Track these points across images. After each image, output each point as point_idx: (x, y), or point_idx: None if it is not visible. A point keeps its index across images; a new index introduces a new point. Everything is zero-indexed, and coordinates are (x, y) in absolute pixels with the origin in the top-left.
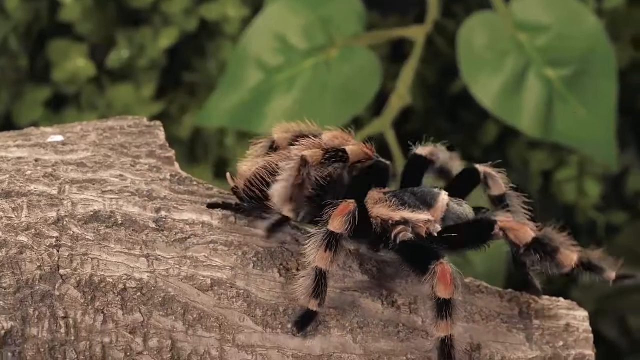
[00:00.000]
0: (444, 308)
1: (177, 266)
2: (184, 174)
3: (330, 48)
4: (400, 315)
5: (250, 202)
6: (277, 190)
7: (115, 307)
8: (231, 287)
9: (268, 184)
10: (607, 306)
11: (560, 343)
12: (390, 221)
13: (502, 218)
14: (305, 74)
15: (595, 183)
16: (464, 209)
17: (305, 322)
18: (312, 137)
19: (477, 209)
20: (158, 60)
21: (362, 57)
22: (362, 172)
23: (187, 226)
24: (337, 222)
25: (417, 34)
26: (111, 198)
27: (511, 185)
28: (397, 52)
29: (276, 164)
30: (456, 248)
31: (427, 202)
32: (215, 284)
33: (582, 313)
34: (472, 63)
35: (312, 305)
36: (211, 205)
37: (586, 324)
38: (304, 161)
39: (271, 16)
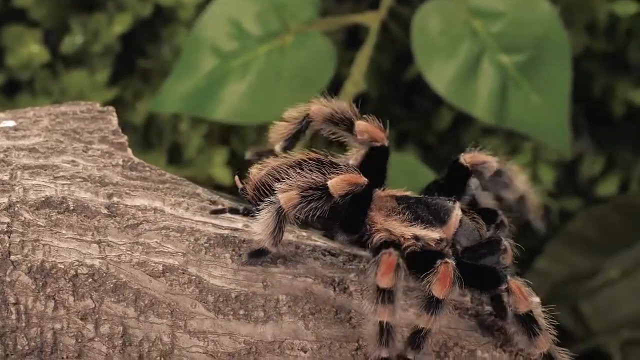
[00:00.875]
0: (434, 305)
1: (129, 252)
2: (136, 159)
3: (285, 34)
4: (352, 301)
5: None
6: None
7: (67, 293)
8: (183, 273)
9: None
10: (561, 293)
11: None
12: (402, 238)
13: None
14: (259, 60)
15: (549, 169)
16: (478, 223)
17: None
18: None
19: (489, 215)
20: (112, 46)
21: (317, 43)
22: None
23: (140, 212)
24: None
25: (371, 20)
26: (63, 184)
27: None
28: (351, 39)
29: (285, 170)
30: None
31: (440, 218)
32: (167, 271)
33: (535, 299)
34: (426, 49)
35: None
36: (216, 212)
37: (540, 310)
38: (280, 209)
39: (226, 2)
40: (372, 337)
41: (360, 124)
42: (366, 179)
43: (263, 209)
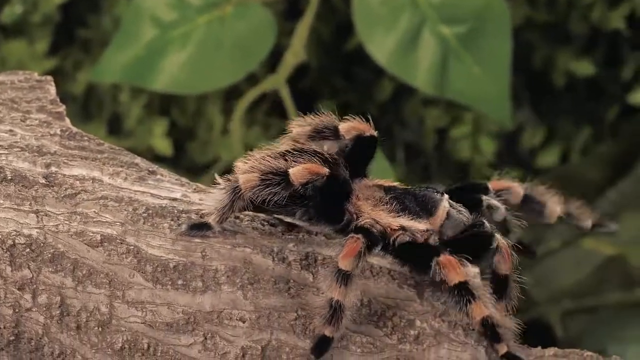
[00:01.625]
0: (463, 292)
1: (67, 222)
2: (74, 129)
3: (225, 4)
4: (291, 271)
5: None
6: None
7: (4, 263)
8: (121, 243)
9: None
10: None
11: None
12: (389, 228)
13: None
14: (200, 30)
15: (490, 140)
16: (464, 216)
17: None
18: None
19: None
20: (52, 16)
21: (257, 13)
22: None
23: (78, 182)
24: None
25: None
26: (1, 153)
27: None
28: (292, 9)
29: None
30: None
31: (428, 209)
32: (105, 240)
33: (474, 269)
34: (367, 20)
35: None
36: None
37: (478, 280)
38: (237, 188)
39: None
40: (320, 312)
41: (344, 125)
42: (328, 170)
43: (220, 184)
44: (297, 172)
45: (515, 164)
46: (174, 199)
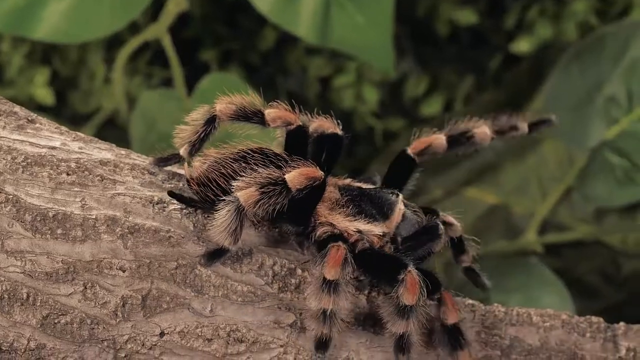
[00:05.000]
0: (406, 312)
1: None
2: None
3: None
4: (171, 220)
5: (205, 203)
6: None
7: None
8: (0, 192)
9: (221, 186)
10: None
11: None
12: (346, 232)
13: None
14: None
15: (373, 89)
16: (419, 217)
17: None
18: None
19: (428, 212)
20: None
21: None
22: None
23: None
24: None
25: None
26: None
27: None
28: None
29: (230, 164)
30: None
31: (383, 212)
32: None
33: None
34: None
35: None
36: (173, 194)
37: None
38: (240, 207)
39: None
40: (314, 318)
41: (270, 112)
42: (323, 173)
43: (221, 208)
44: (294, 178)
45: (398, 113)
46: (54, 148)
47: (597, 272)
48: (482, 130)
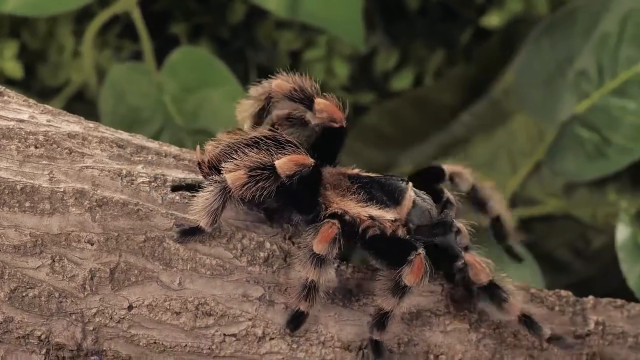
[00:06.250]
0: (401, 291)
1: None
2: None
3: None
4: (140, 193)
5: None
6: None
7: None
8: None
9: None
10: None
11: None
12: (358, 218)
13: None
14: None
15: (343, 63)
16: (428, 204)
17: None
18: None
19: (439, 200)
20: None
21: None
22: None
23: None
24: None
25: None
26: None
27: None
28: None
29: (242, 148)
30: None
31: (394, 198)
32: None
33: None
34: None
35: None
36: (175, 189)
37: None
38: (227, 188)
39: None
40: (296, 289)
41: (320, 102)
42: (313, 160)
43: (207, 187)
44: (284, 164)
45: (369, 87)
46: (22, 121)
47: (567, 246)
48: (495, 207)
